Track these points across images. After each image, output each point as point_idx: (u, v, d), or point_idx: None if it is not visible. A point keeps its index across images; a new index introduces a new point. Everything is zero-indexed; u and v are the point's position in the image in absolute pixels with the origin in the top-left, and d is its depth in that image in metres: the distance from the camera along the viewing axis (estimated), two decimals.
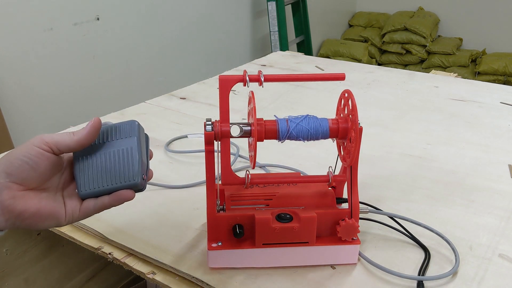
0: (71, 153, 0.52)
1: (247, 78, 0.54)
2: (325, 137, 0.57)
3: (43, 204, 0.47)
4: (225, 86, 0.54)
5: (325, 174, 0.62)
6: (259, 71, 0.55)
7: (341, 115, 0.58)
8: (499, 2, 3.57)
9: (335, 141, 0.59)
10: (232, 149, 0.88)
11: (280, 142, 0.57)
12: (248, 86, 0.55)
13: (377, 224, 0.66)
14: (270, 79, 0.55)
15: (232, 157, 0.84)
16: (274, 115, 0.58)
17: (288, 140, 0.56)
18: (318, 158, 0.85)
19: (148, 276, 0.58)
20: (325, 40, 3.80)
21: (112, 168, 0.49)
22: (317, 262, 0.58)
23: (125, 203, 0.51)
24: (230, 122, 0.55)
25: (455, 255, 0.59)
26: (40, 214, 0.47)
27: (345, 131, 0.56)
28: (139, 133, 0.52)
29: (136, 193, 0.51)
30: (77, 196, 0.50)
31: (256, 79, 0.55)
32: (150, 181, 0.77)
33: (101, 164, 0.50)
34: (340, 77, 0.57)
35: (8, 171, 0.46)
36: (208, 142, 0.54)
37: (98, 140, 0.51)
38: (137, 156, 0.50)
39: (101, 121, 0.51)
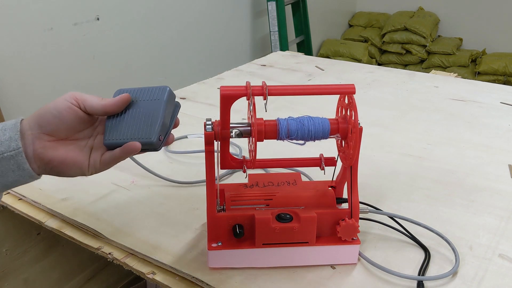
0: None
1: (250, 91, 0.53)
2: (325, 137, 0.57)
3: (70, 155, 0.52)
4: (227, 101, 0.53)
5: (324, 174, 0.62)
6: (263, 83, 0.54)
7: (341, 115, 0.58)
8: (499, 2, 3.57)
9: (338, 139, 0.59)
10: (234, 150, 0.88)
11: (283, 140, 0.57)
12: (251, 101, 0.54)
13: (377, 224, 0.66)
14: (275, 92, 0.54)
15: None
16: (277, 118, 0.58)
17: (289, 141, 0.56)
18: None
19: (148, 276, 0.58)
20: (325, 40, 3.80)
21: (136, 124, 0.54)
22: (317, 262, 0.58)
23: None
24: (230, 122, 0.55)
25: (455, 255, 0.59)
26: (66, 163, 0.52)
27: (345, 131, 0.56)
28: (168, 98, 0.55)
29: (152, 152, 0.55)
30: (101, 148, 0.55)
31: (259, 92, 0.53)
32: (152, 174, 0.77)
33: (128, 119, 0.55)
34: (350, 91, 0.54)
35: (40, 123, 0.52)
36: (208, 142, 0.54)
37: (132, 98, 0.56)
38: (159, 118, 0.54)
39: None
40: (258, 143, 0.55)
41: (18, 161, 0.50)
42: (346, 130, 0.56)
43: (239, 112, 1.02)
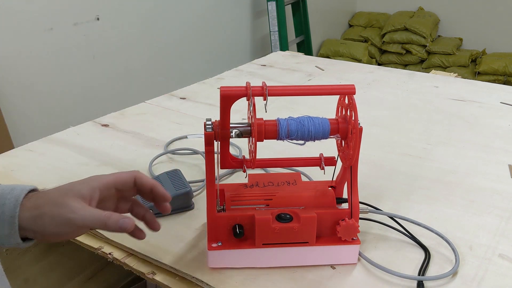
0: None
1: (250, 92, 0.53)
2: (325, 137, 0.57)
3: None
4: (227, 101, 0.53)
5: (324, 174, 0.62)
6: (263, 83, 0.54)
7: (341, 115, 0.58)
8: (499, 2, 3.57)
9: (338, 139, 0.59)
10: (235, 151, 0.88)
11: (283, 140, 0.57)
12: (251, 102, 0.54)
13: (377, 224, 0.66)
14: (274, 93, 0.54)
15: None
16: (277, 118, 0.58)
17: (289, 141, 0.56)
18: None
19: (148, 276, 0.58)
20: (325, 40, 3.80)
21: None
22: (317, 262, 0.58)
23: None
24: (230, 122, 0.55)
25: (455, 255, 0.59)
26: None
27: (345, 131, 0.56)
28: None
29: None
30: None
31: (260, 93, 0.53)
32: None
33: None
34: (350, 91, 0.54)
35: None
36: (208, 142, 0.54)
37: None
38: None
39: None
40: (258, 143, 0.55)
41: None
42: (346, 130, 0.56)
43: (239, 112, 1.02)
